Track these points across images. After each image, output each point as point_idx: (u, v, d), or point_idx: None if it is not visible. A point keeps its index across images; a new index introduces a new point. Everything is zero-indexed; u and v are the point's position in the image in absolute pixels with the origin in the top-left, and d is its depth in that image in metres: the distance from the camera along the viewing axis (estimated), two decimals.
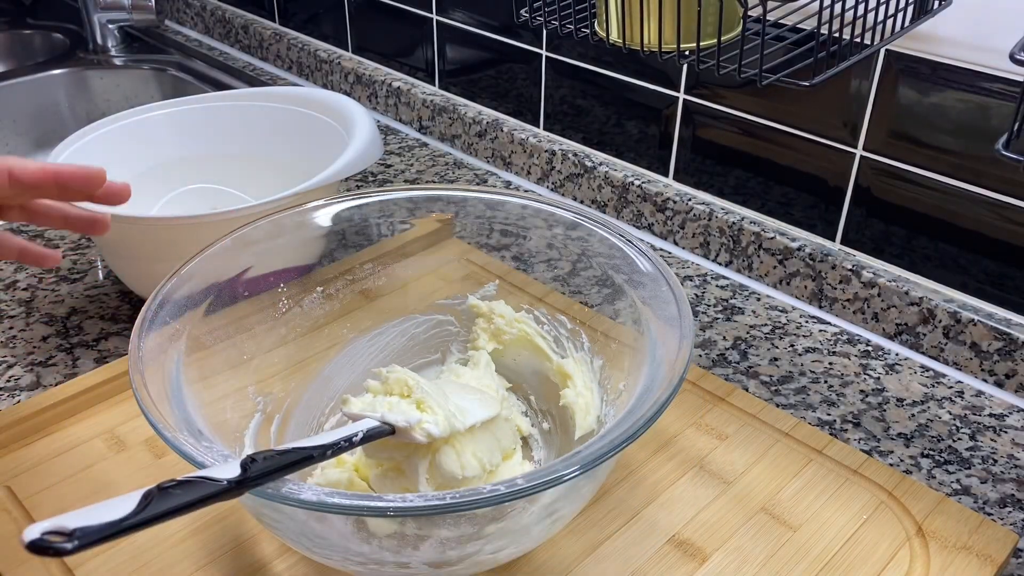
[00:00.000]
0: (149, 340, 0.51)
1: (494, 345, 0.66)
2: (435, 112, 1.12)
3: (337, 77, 1.24)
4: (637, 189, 0.93)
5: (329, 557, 0.51)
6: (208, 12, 1.43)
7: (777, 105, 0.81)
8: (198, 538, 0.57)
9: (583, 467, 0.43)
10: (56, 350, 0.75)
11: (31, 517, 0.58)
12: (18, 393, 0.70)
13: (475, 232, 0.67)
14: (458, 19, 1.06)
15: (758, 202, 0.87)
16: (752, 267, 0.87)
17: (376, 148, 0.82)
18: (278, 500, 0.43)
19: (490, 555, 0.51)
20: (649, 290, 0.57)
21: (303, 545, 0.51)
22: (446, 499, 0.43)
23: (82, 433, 0.65)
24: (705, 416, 0.68)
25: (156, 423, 0.45)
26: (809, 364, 0.77)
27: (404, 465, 0.53)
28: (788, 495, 0.61)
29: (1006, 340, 0.72)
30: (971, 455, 0.67)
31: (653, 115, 0.92)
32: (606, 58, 0.93)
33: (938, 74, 0.71)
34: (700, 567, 0.56)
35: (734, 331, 0.81)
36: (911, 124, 0.74)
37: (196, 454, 0.44)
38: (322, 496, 0.42)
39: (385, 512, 0.43)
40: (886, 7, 0.61)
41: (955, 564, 0.56)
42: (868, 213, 0.79)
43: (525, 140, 1.02)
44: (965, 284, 0.75)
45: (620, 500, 0.60)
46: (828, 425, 0.70)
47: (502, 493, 0.42)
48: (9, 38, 1.46)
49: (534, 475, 0.43)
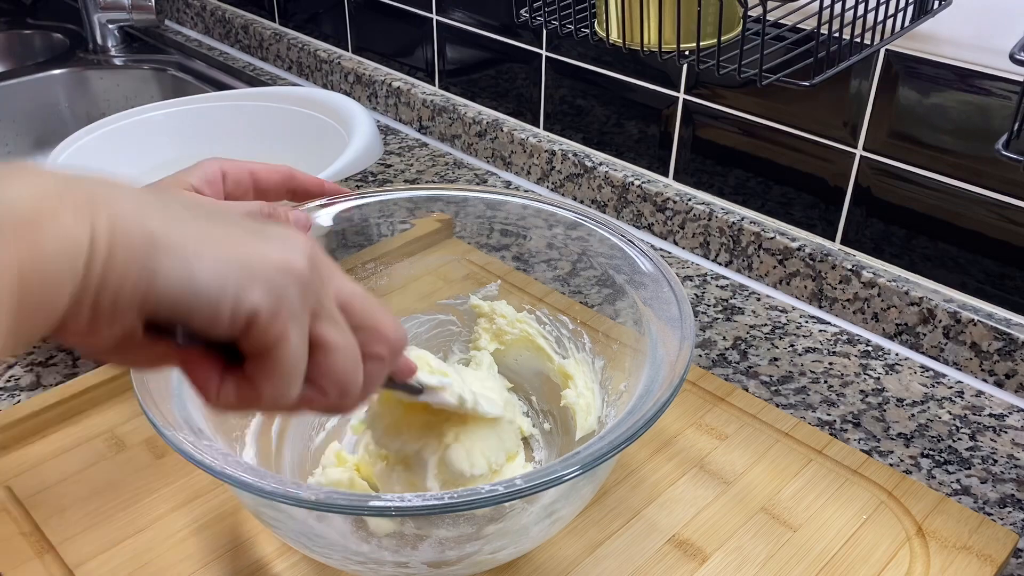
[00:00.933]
0: None
1: (496, 345, 0.66)
2: (435, 112, 1.12)
3: (337, 77, 1.24)
4: (637, 189, 0.93)
5: (328, 556, 0.51)
6: (208, 12, 1.43)
7: (777, 105, 0.81)
8: (198, 538, 0.57)
9: (583, 467, 0.43)
10: (56, 350, 0.75)
11: (31, 517, 0.58)
12: (18, 393, 0.70)
13: (475, 232, 0.67)
14: (458, 19, 1.06)
15: (758, 202, 0.87)
16: (752, 267, 0.87)
17: (376, 148, 0.82)
18: (278, 499, 0.43)
19: (489, 555, 0.51)
20: (650, 290, 0.57)
21: (303, 544, 0.51)
22: (444, 499, 0.43)
23: (82, 433, 0.65)
24: (705, 416, 0.68)
25: (155, 420, 0.45)
26: (809, 364, 0.77)
27: (413, 460, 0.53)
28: (788, 495, 0.61)
29: (1006, 340, 0.72)
30: (971, 455, 0.67)
31: (653, 115, 0.92)
32: (606, 58, 0.93)
33: (938, 74, 0.71)
34: (700, 567, 0.56)
35: (734, 331, 0.81)
36: (911, 124, 0.74)
37: (196, 452, 0.44)
38: (321, 496, 0.42)
39: (385, 512, 0.43)
40: (886, 7, 0.61)
41: (955, 564, 0.56)
42: (868, 213, 0.79)
43: (525, 140, 1.02)
44: (965, 284, 0.75)
45: (620, 500, 0.60)
46: (828, 425, 0.70)
47: (501, 493, 0.42)
48: (9, 38, 1.46)
49: (533, 475, 0.43)
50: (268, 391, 0.33)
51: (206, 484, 0.61)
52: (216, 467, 0.43)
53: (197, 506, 0.59)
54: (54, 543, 0.56)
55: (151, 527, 0.58)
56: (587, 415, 0.59)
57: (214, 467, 0.43)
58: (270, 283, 0.31)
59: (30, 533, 0.57)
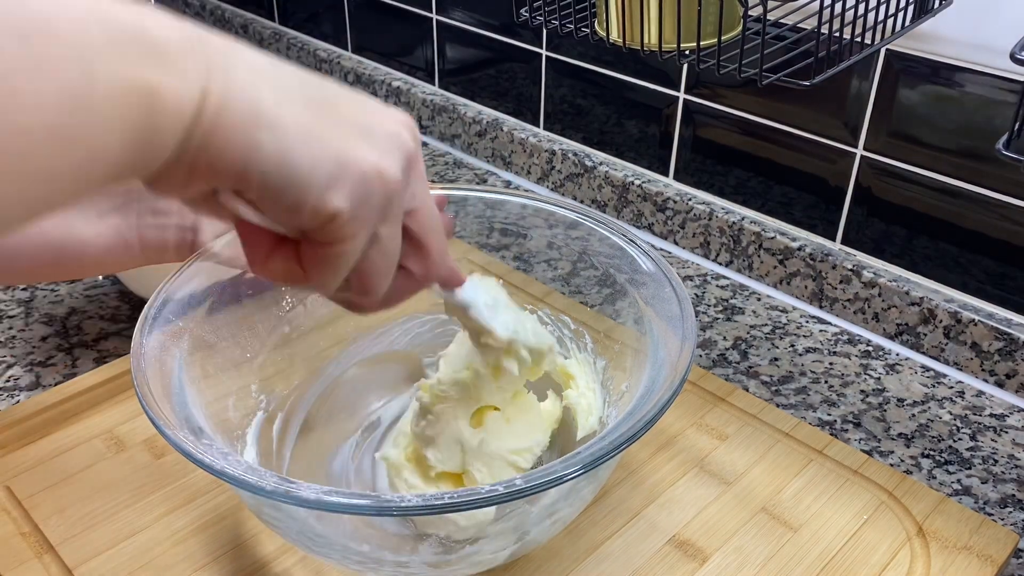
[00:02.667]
0: (152, 338, 0.51)
1: None
2: (435, 112, 1.12)
3: (337, 77, 1.24)
4: (637, 189, 0.93)
5: (328, 556, 0.51)
6: (207, 12, 1.43)
7: (777, 105, 0.81)
8: (198, 538, 0.57)
9: (584, 467, 0.43)
10: (55, 350, 0.75)
11: (30, 517, 0.58)
12: (18, 393, 0.70)
13: (475, 232, 0.67)
14: (458, 19, 1.06)
15: (758, 202, 0.86)
16: (752, 267, 0.86)
17: None
18: (278, 498, 0.42)
19: (490, 555, 0.51)
20: (651, 290, 0.57)
21: (303, 544, 0.51)
22: (445, 499, 0.42)
23: (82, 433, 0.65)
24: (705, 416, 0.68)
25: (156, 420, 0.45)
26: (809, 364, 0.77)
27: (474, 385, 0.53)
28: (788, 495, 0.61)
29: (1007, 340, 0.72)
30: (972, 455, 0.67)
31: (653, 115, 0.92)
32: (606, 57, 0.93)
33: (938, 74, 0.71)
34: (700, 567, 0.56)
35: (734, 331, 0.81)
36: (911, 124, 0.74)
37: (195, 452, 0.44)
38: (321, 495, 0.42)
39: (388, 511, 0.43)
40: (886, 7, 0.61)
41: (955, 564, 0.56)
42: (868, 213, 0.79)
43: (525, 140, 1.02)
44: (965, 284, 0.75)
45: (620, 500, 0.60)
46: (828, 425, 0.70)
47: (501, 493, 0.42)
48: None
49: (533, 475, 0.43)
50: (315, 276, 0.34)
51: (205, 484, 0.61)
52: (216, 466, 0.43)
53: (197, 506, 0.59)
54: (54, 543, 0.56)
55: (151, 527, 0.58)
56: (588, 415, 0.59)
57: (214, 466, 0.43)
58: (358, 187, 0.31)
59: (29, 533, 0.57)
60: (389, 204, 0.33)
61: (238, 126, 0.29)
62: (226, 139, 0.28)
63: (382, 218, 0.34)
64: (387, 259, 0.35)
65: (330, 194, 0.31)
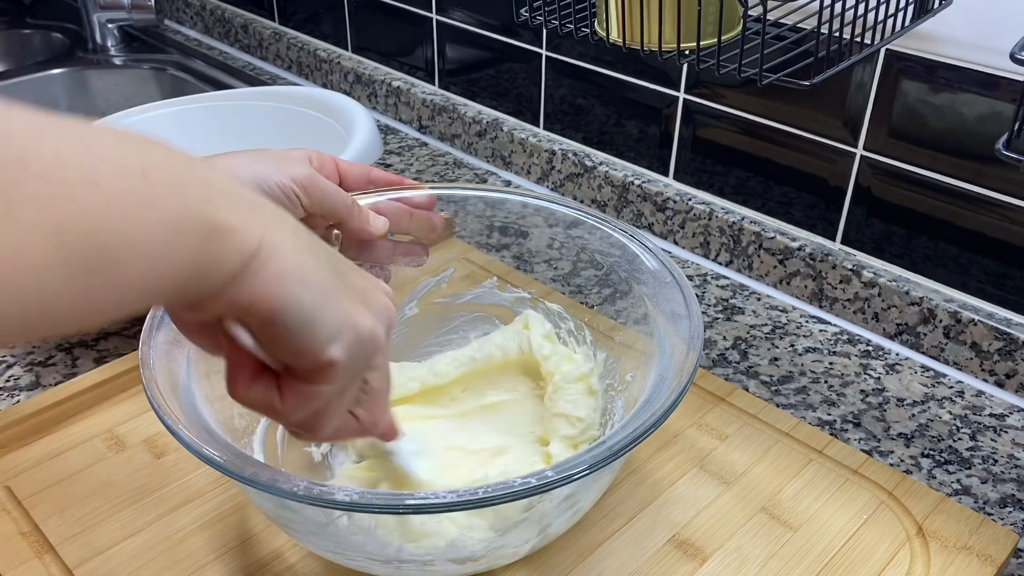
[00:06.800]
0: (158, 337, 0.51)
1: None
2: (435, 112, 1.12)
3: (337, 76, 1.24)
4: (637, 189, 0.93)
5: (353, 559, 0.51)
6: (208, 12, 1.43)
7: (777, 105, 0.81)
8: (198, 538, 0.57)
9: (614, 454, 0.45)
10: (55, 350, 0.75)
11: (30, 517, 0.58)
12: (18, 393, 0.70)
13: (475, 231, 0.67)
14: (458, 19, 1.06)
15: (758, 202, 0.86)
16: (752, 267, 0.86)
17: (376, 147, 0.82)
18: (285, 496, 0.42)
19: (512, 550, 0.51)
20: (654, 287, 0.57)
21: (322, 547, 0.51)
22: (479, 493, 0.43)
23: (81, 433, 0.65)
24: (705, 416, 0.68)
25: (165, 418, 0.45)
26: (809, 364, 0.77)
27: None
28: (788, 495, 0.61)
29: (1006, 340, 0.72)
30: (971, 455, 0.67)
31: (653, 115, 0.92)
32: (606, 57, 0.93)
33: (938, 74, 0.71)
34: (700, 567, 0.56)
35: (734, 331, 0.81)
36: (911, 124, 0.74)
37: (204, 450, 0.44)
38: (321, 494, 0.42)
39: (396, 509, 0.43)
40: (886, 7, 0.61)
41: (955, 564, 0.56)
42: (868, 213, 0.79)
43: (525, 140, 1.02)
44: (965, 284, 0.75)
45: (620, 500, 0.60)
46: (828, 425, 0.70)
47: (533, 486, 0.43)
48: (9, 38, 1.46)
49: (563, 466, 0.44)
50: (290, 409, 0.38)
51: (205, 484, 0.61)
52: (232, 468, 0.43)
53: (196, 506, 0.59)
54: (53, 543, 0.56)
55: (151, 527, 0.58)
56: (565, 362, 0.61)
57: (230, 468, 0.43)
58: (355, 344, 0.36)
59: (29, 533, 0.57)
60: (371, 360, 0.39)
61: (284, 276, 0.33)
62: (267, 284, 0.33)
63: (365, 371, 0.40)
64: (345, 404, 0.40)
65: (333, 346, 0.36)
